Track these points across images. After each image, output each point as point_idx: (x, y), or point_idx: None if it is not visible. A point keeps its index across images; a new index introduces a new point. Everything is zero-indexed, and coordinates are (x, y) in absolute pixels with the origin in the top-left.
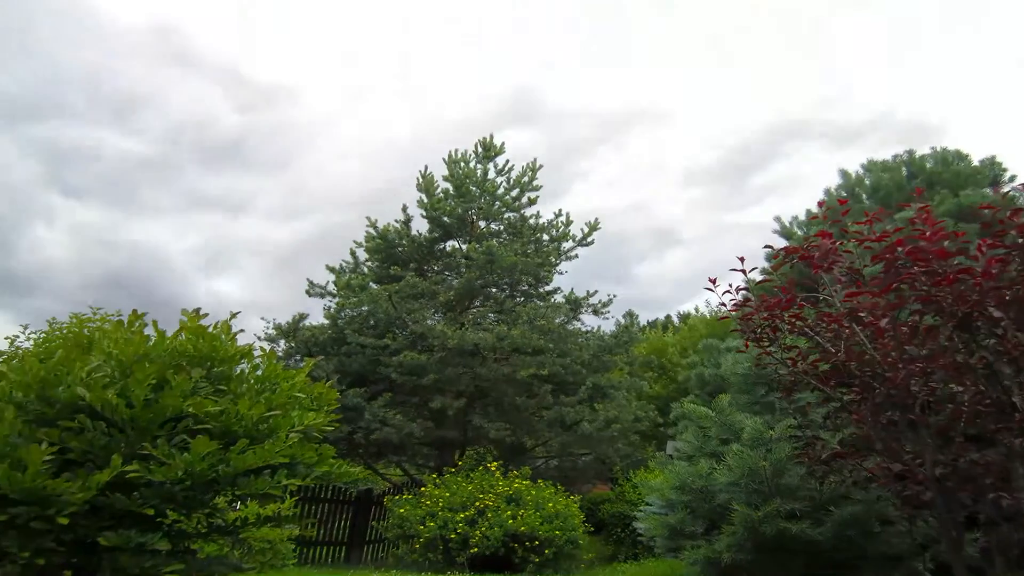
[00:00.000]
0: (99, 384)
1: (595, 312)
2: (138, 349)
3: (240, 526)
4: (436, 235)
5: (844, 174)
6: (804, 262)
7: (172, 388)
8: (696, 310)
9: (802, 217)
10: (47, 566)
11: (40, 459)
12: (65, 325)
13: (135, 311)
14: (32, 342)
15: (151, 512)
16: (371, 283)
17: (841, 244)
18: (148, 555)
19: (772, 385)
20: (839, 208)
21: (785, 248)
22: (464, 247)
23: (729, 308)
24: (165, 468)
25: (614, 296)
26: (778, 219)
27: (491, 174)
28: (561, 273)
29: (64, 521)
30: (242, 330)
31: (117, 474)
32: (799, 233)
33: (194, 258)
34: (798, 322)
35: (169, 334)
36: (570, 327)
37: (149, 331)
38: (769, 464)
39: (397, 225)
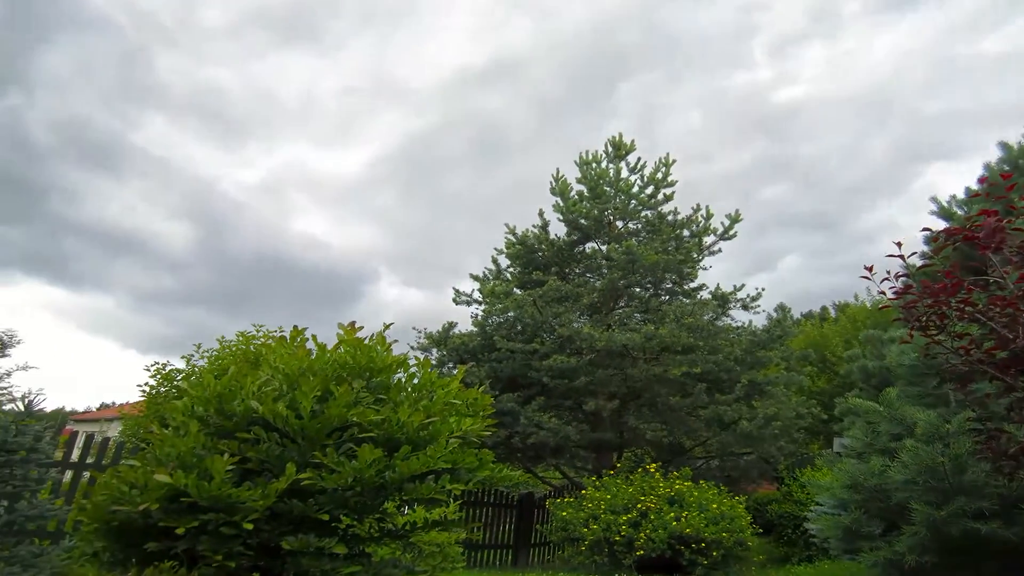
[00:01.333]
0: (269, 397)
1: (744, 307)
2: (302, 363)
3: (410, 530)
4: (574, 238)
5: (1006, 147)
6: (968, 243)
7: (336, 399)
8: (856, 298)
9: (961, 195)
10: (237, 569)
11: (223, 469)
12: (233, 343)
13: (296, 327)
14: (206, 360)
15: (326, 517)
16: (515, 288)
17: (1009, 222)
18: (327, 558)
19: (944, 376)
20: (1003, 183)
21: (946, 229)
22: (603, 248)
23: (890, 297)
24: (336, 475)
25: (762, 290)
26: (935, 199)
27: (624, 173)
28: (705, 268)
29: (249, 526)
30: (396, 340)
31: (292, 482)
32: (959, 213)
33: None
34: (967, 308)
35: (327, 348)
36: (719, 323)
37: (310, 345)
38: (948, 460)
39: (535, 230)
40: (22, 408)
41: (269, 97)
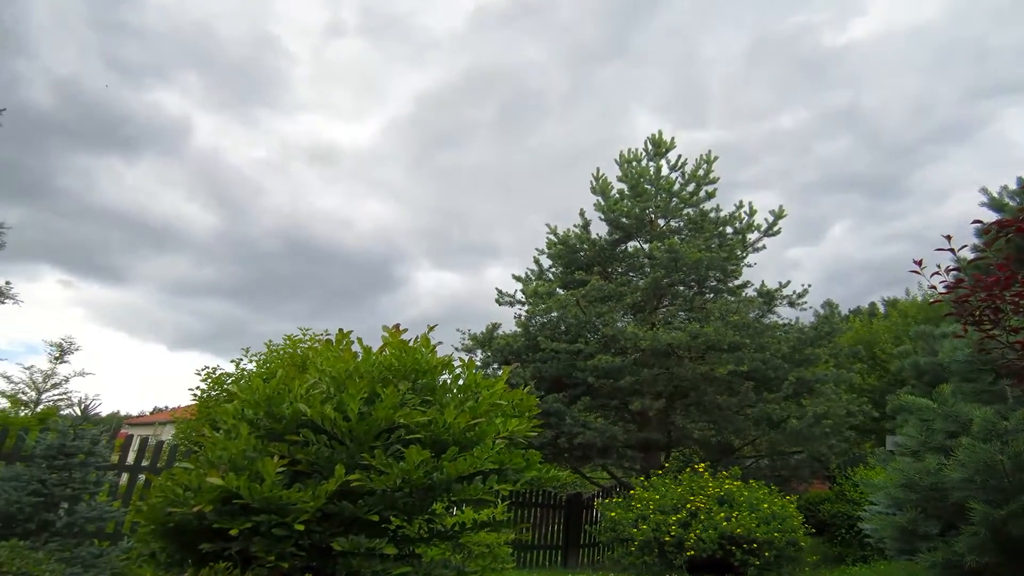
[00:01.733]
0: (317, 400)
1: (791, 304)
2: (348, 365)
3: (459, 531)
4: (616, 236)
5: None
6: (1021, 235)
7: (383, 401)
8: (907, 293)
9: (1013, 186)
10: (290, 569)
11: (274, 471)
12: (280, 346)
13: (341, 330)
14: (255, 363)
15: (376, 518)
16: (557, 289)
17: None
18: (378, 559)
19: (1000, 371)
20: None
21: (998, 222)
22: (646, 246)
23: (941, 291)
24: (384, 477)
25: (809, 286)
26: (985, 190)
27: (664, 170)
28: (750, 266)
29: (300, 528)
30: (440, 342)
31: (341, 483)
32: (1011, 204)
33: None
34: (1023, 301)
35: (372, 351)
36: (766, 320)
37: (355, 348)
38: (1007, 458)
39: (576, 230)
40: (79, 413)
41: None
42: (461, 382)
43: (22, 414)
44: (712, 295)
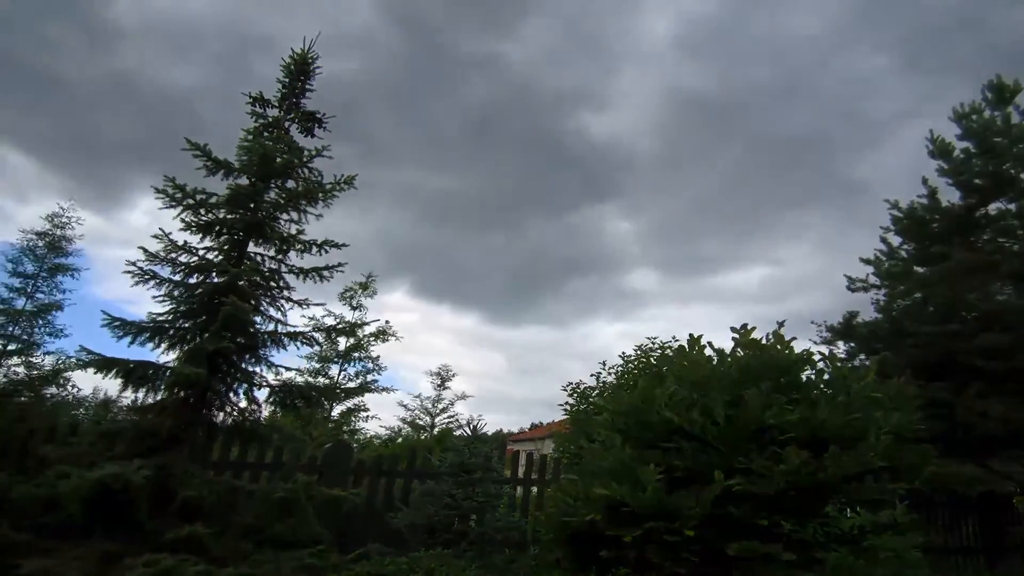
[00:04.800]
0: (682, 407)
1: None
2: (705, 370)
3: (859, 535)
4: (971, 201)
5: None
6: None
7: (747, 402)
8: None
9: None
10: (687, 575)
11: (654, 478)
12: (631, 356)
13: (691, 335)
14: (612, 375)
15: (765, 522)
16: (914, 267)
17: None
18: (777, 564)
19: None
20: None
21: None
22: (1011, 207)
23: None
24: (765, 480)
25: None
26: None
27: (1015, 118)
28: None
29: (690, 533)
30: (795, 337)
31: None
32: None
33: None
34: None
35: (726, 352)
36: None
37: (708, 352)
38: None
39: (922, 200)
40: (470, 432)
41: None
42: (826, 376)
43: (422, 437)
44: None
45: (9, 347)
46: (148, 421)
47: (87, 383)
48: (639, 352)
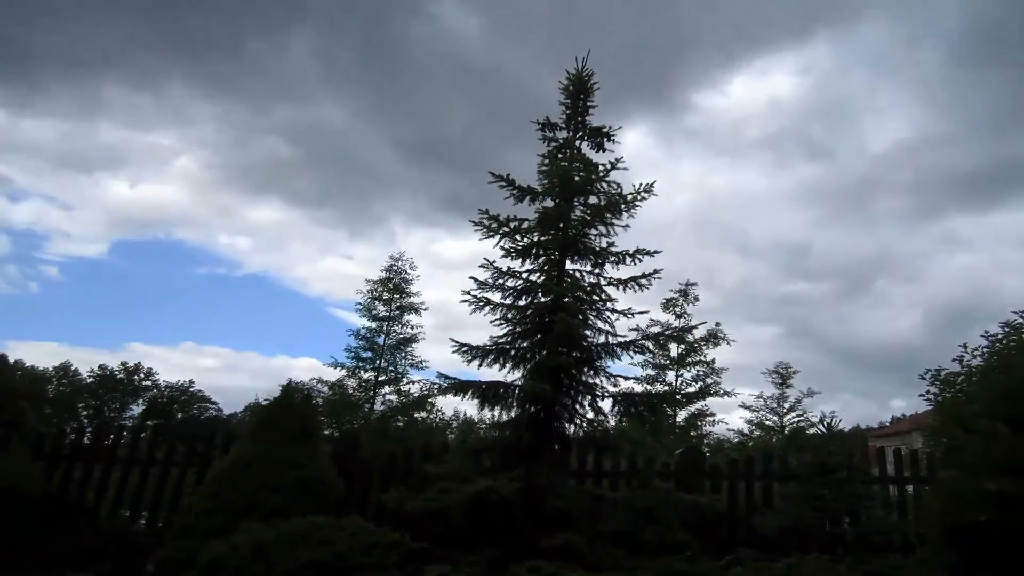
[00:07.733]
0: None
1: None
2: None
3: None
4: None
5: None
6: None
7: None
8: None
9: None
10: None
11: None
12: (997, 335)
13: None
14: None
15: None
16: None
17: None
18: None
19: None
20: None
21: None
22: None
23: None
24: None
25: None
26: None
27: None
28: None
29: None
30: None
31: None
32: None
33: None
34: None
35: None
36: None
37: None
38: None
39: None
40: (825, 430)
41: None
42: None
43: (772, 439)
44: None
45: (380, 378)
46: (507, 437)
47: (448, 406)
48: (1007, 329)
